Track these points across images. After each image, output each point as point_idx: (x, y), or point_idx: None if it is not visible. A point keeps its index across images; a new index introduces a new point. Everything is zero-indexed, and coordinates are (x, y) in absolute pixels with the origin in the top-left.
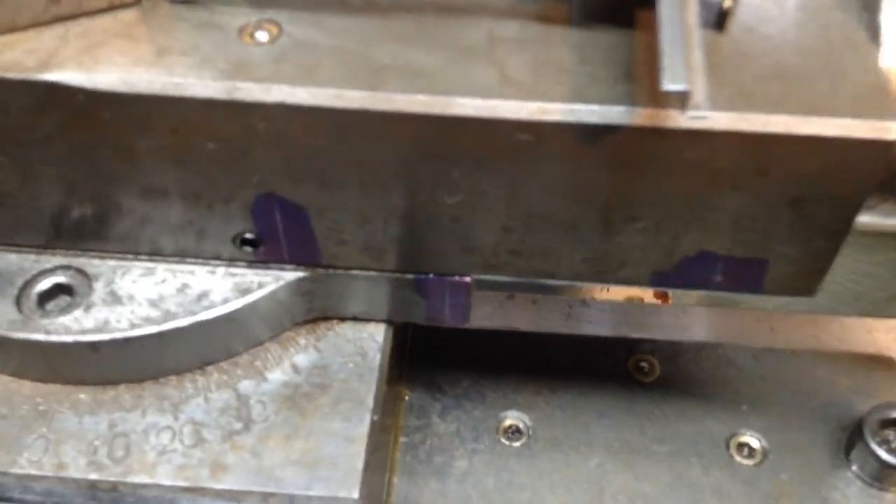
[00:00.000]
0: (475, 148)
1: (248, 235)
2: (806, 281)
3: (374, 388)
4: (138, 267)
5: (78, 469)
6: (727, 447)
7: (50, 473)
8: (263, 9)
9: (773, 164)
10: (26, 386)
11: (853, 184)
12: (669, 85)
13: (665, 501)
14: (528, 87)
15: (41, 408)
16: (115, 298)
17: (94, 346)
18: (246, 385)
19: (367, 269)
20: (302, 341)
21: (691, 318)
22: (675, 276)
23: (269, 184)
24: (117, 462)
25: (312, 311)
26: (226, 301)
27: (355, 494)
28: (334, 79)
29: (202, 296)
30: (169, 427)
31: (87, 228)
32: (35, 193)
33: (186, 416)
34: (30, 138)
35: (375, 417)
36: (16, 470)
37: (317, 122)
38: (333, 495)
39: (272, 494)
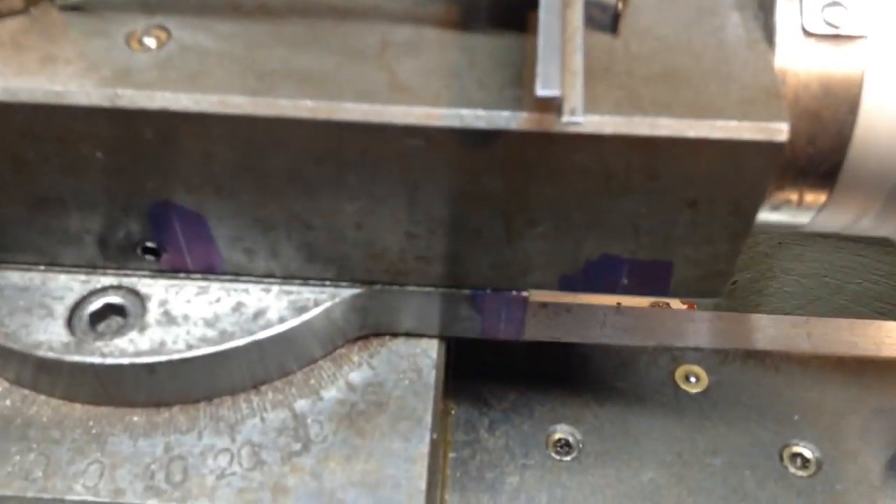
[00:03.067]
0: (368, 153)
1: (149, 244)
2: (712, 283)
3: (430, 405)
4: (191, 286)
5: (136, 494)
6: (781, 458)
7: (107, 500)
8: (154, 14)
9: (663, 168)
10: (77, 409)
11: (747, 185)
12: (542, 90)
13: None
14: (417, 92)
15: (94, 431)
16: (169, 319)
17: (151, 368)
18: (302, 404)
19: (274, 276)
20: (355, 358)
21: (726, 325)
22: (581, 280)
23: (163, 192)
24: (175, 486)
25: (366, 327)
26: (282, 320)
27: None
28: (220, 84)
29: (258, 314)
30: (227, 449)
31: None
32: None
33: (244, 437)
34: None
35: (434, 436)
36: (72, 497)
37: (203, 129)
38: None
39: None
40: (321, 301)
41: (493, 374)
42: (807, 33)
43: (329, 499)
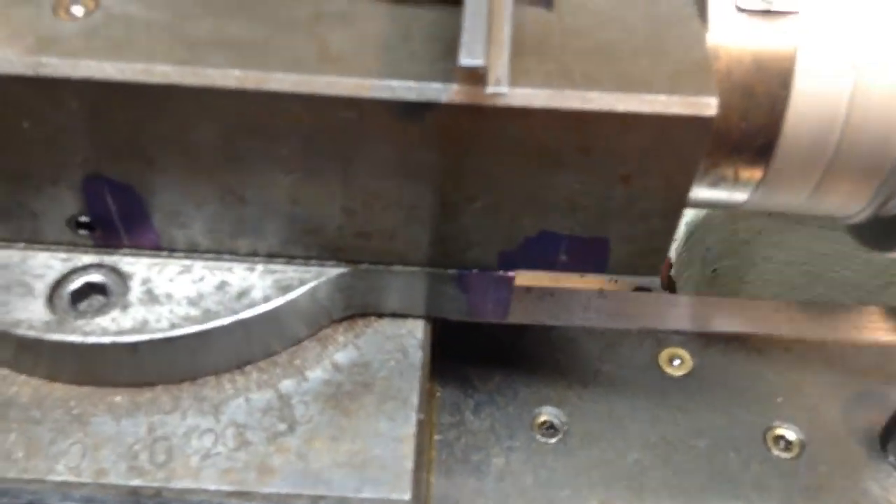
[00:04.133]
0: (300, 125)
1: (83, 218)
2: (649, 260)
3: (417, 386)
4: (174, 264)
5: (119, 475)
6: (764, 440)
7: (89, 480)
8: None
9: (594, 142)
10: (58, 389)
11: (678, 160)
12: (466, 60)
13: (706, 496)
14: (348, 63)
15: (76, 411)
16: (152, 297)
17: (133, 348)
18: (287, 385)
19: (254, 255)
20: (341, 339)
21: (709, 309)
22: (520, 256)
23: (93, 164)
24: (159, 467)
25: (351, 307)
26: (267, 299)
27: (407, 496)
28: (146, 53)
29: (242, 293)
30: (211, 429)
31: None
32: None
33: (228, 417)
34: None
35: (421, 416)
36: (53, 477)
37: (129, 99)
38: (385, 497)
39: (322, 497)
40: (306, 280)
41: (477, 357)
42: (739, 9)
43: (315, 479)
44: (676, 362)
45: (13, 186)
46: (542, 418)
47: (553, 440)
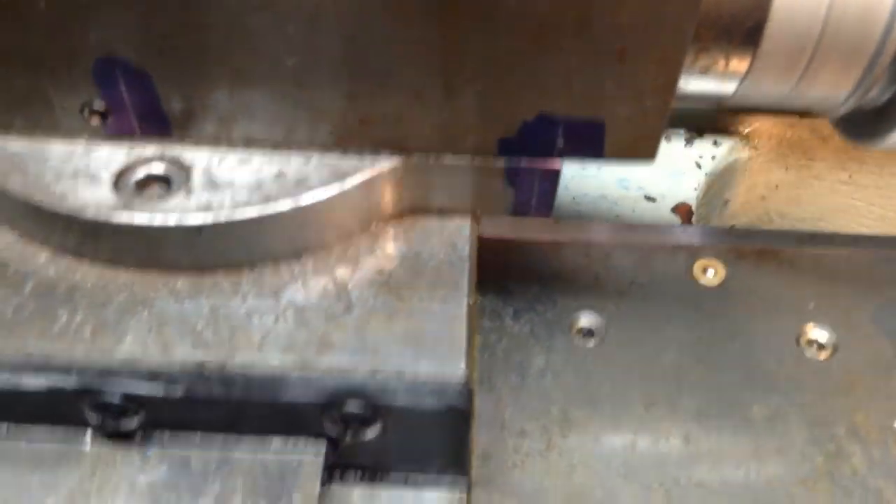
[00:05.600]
0: (305, 1)
1: (96, 106)
2: (644, 144)
3: (466, 274)
4: (233, 156)
5: (184, 350)
6: (797, 343)
7: (156, 355)
8: None
9: (592, 13)
10: (121, 275)
11: (671, 32)
12: None
13: (742, 392)
14: None
15: (139, 295)
16: (214, 184)
17: (197, 229)
18: (341, 272)
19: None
20: (391, 232)
21: (738, 236)
22: (519, 142)
23: (106, 45)
24: (223, 342)
25: (401, 202)
26: (323, 185)
27: (462, 367)
28: None
29: (299, 182)
30: (271, 310)
31: None
32: None
33: (287, 300)
34: None
35: (471, 301)
36: (121, 352)
37: None
38: (441, 370)
39: (379, 370)
40: (360, 169)
41: (515, 272)
42: None
43: (373, 353)
44: (710, 273)
45: (29, 71)
46: (581, 324)
47: (591, 344)
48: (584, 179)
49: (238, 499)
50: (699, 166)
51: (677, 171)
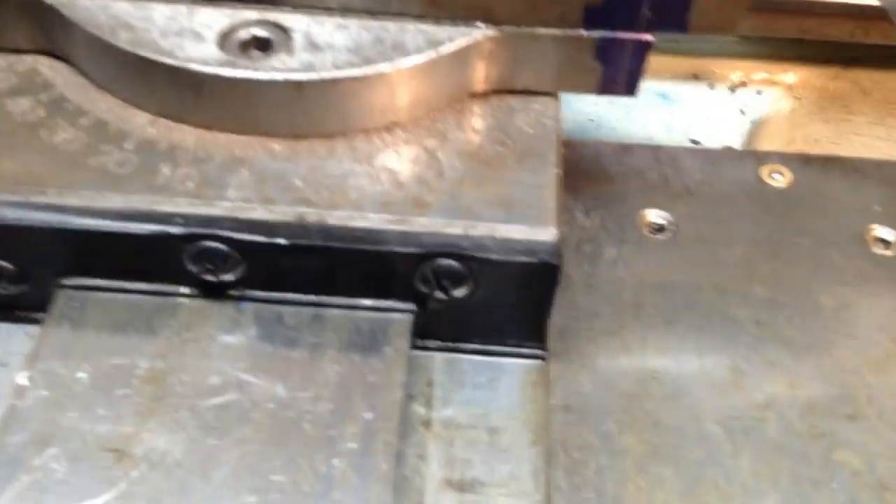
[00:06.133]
0: None
1: None
2: (729, 13)
3: (554, 147)
4: (330, 22)
5: (286, 203)
6: (864, 241)
7: (258, 206)
8: None
9: None
10: (220, 137)
11: None
12: None
13: (812, 283)
14: None
15: (238, 154)
16: (314, 46)
17: (299, 86)
18: (431, 143)
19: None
20: (477, 109)
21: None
22: (604, 12)
23: None
24: (322, 199)
25: (489, 78)
26: (419, 51)
27: (553, 227)
28: None
29: (397, 46)
30: (366, 173)
31: None
32: None
33: (380, 164)
34: None
35: (559, 171)
36: (225, 201)
37: None
38: (533, 230)
39: (474, 227)
40: (454, 37)
41: (585, 171)
42: None
43: (467, 212)
44: (777, 176)
45: None
46: (651, 219)
47: (662, 237)
48: (631, 123)
49: (331, 352)
50: (743, 113)
51: (722, 117)
